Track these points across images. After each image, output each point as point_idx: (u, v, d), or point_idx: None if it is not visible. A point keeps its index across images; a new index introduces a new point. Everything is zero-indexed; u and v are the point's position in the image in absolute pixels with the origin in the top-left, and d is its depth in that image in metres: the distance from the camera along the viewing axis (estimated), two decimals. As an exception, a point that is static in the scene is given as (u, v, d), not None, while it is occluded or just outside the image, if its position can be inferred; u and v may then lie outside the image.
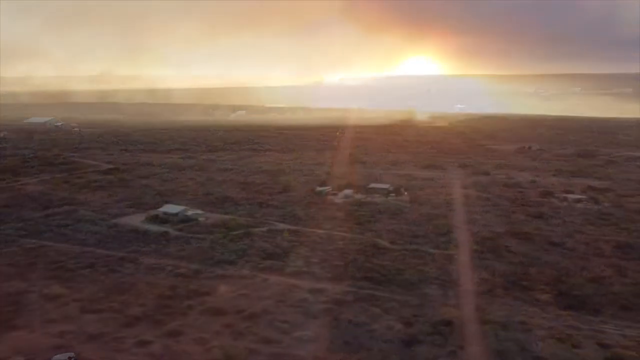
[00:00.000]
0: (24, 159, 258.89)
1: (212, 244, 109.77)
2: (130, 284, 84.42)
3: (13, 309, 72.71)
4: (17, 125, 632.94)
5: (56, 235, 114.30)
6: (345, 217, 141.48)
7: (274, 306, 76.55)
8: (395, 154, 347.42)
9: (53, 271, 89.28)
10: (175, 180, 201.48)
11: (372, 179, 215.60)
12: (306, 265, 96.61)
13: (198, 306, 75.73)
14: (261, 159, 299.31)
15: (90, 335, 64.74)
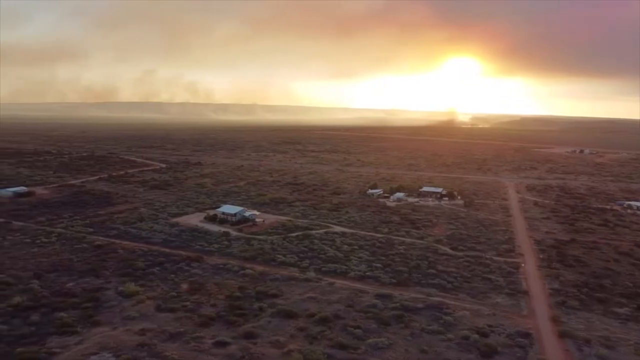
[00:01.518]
0: (80, 157, 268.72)
1: (272, 245, 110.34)
2: (200, 283, 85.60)
3: (93, 305, 74.89)
4: (72, 125, 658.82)
5: (122, 233, 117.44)
6: (401, 220, 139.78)
7: (344, 311, 75.95)
8: (441, 156, 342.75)
9: (125, 269, 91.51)
10: (227, 181, 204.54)
11: (422, 182, 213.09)
12: (369, 269, 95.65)
13: (269, 308, 75.96)
14: (307, 159, 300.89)
15: (170, 334, 65.85)
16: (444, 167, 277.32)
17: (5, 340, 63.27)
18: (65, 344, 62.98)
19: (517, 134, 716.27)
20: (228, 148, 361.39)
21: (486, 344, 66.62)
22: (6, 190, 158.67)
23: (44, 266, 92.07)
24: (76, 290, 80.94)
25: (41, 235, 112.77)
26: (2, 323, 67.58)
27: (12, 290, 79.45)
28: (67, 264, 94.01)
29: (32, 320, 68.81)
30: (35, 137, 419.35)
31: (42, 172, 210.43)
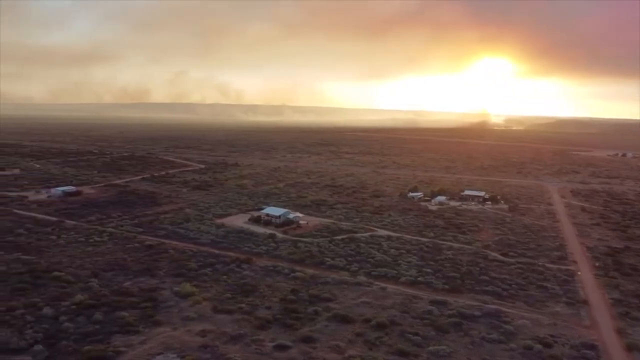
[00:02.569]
0: (122, 157, 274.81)
1: (319, 248, 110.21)
2: (252, 285, 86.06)
3: (152, 305, 76.12)
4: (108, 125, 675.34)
5: (170, 233, 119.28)
6: (445, 225, 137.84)
7: (400, 317, 75.09)
8: (478, 158, 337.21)
9: (178, 269, 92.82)
10: (266, 182, 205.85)
11: (462, 185, 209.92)
12: (420, 274, 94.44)
13: (324, 312, 75.75)
14: (342, 161, 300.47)
15: (230, 336, 66.31)
16: (482, 170, 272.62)
17: (73, 338, 64.72)
18: (130, 343, 64.07)
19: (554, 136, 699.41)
20: (263, 149, 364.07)
21: (551, 355, 64.76)
22: (56, 190, 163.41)
23: (100, 265, 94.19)
24: (134, 289, 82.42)
25: (94, 234, 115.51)
26: (68, 321, 69.19)
27: (73, 289, 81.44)
28: (122, 263, 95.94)
29: (95, 319, 70.20)
30: (76, 137, 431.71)
31: (86, 172, 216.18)
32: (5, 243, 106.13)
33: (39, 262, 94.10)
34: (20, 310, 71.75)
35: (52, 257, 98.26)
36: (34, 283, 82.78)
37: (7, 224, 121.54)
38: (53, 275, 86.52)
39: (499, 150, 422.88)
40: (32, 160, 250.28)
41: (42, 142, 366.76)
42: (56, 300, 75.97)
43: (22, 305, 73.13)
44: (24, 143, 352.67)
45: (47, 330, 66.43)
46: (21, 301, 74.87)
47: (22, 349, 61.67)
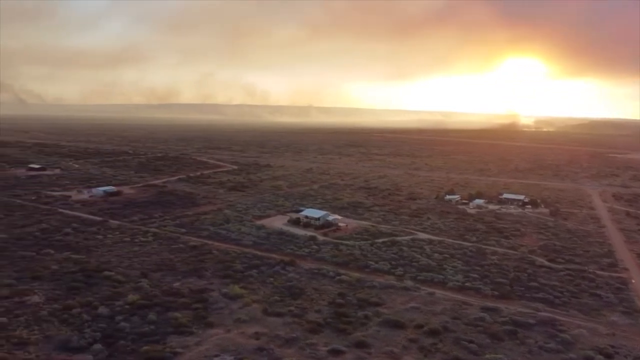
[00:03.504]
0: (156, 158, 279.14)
1: (361, 251, 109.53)
2: (299, 288, 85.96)
3: (202, 306, 76.73)
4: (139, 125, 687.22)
5: (212, 234, 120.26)
6: (487, 229, 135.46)
7: (453, 323, 73.86)
8: (511, 161, 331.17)
9: (224, 270, 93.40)
10: (301, 184, 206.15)
11: (498, 188, 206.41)
12: (467, 280, 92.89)
13: (374, 317, 75.06)
14: (374, 163, 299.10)
15: (285, 339, 66.26)
16: (518, 173, 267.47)
17: (130, 338, 65.63)
18: (186, 344, 64.62)
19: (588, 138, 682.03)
20: (293, 150, 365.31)
21: (615, 367, 62.76)
22: (97, 190, 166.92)
23: (148, 265, 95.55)
24: (184, 290, 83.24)
25: (138, 234, 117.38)
26: (124, 321, 70.27)
27: (124, 288, 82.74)
28: (169, 263, 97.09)
29: (150, 319, 71.08)
30: (110, 138, 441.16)
31: (124, 172, 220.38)
32: (55, 242, 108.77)
33: (88, 261, 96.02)
34: (77, 309, 73.18)
35: (100, 256, 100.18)
36: (86, 282, 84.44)
37: (54, 223, 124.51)
38: (104, 274, 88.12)
39: (532, 152, 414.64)
40: (71, 160, 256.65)
41: (78, 143, 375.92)
42: (110, 300, 77.26)
43: (78, 304, 74.59)
44: (62, 143, 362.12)
45: (104, 329, 67.57)
46: (77, 300, 76.42)
47: (82, 347, 62.79)
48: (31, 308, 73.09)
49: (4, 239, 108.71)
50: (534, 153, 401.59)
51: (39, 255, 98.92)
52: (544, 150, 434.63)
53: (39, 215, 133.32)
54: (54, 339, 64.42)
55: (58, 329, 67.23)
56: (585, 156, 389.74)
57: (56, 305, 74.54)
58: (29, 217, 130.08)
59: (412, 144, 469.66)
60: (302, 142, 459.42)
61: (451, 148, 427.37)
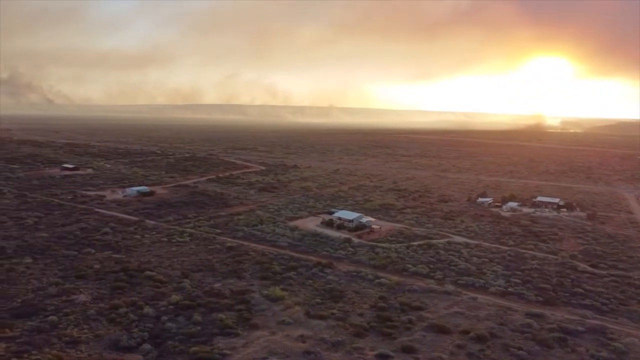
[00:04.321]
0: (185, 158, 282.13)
1: (398, 254, 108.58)
2: (340, 291, 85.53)
3: (245, 307, 76.93)
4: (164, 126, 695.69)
5: (247, 235, 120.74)
6: (523, 232, 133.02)
7: (499, 329, 72.51)
8: (540, 162, 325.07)
9: (262, 272, 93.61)
10: (330, 185, 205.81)
11: (530, 190, 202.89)
12: (509, 285, 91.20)
13: (418, 322, 74.19)
14: (401, 164, 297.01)
15: (330, 343, 65.87)
16: (549, 175, 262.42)
17: (177, 338, 66.11)
18: (232, 346, 64.76)
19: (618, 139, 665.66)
20: (318, 151, 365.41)
21: (674, 378, 60.74)
22: (131, 190, 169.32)
23: (188, 265, 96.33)
24: (225, 291, 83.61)
25: (175, 234, 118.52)
26: (169, 321, 70.89)
27: (167, 288, 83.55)
28: (208, 264, 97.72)
29: (195, 320, 71.52)
30: (137, 138, 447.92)
31: (155, 172, 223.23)
32: (95, 241, 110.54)
33: (129, 261, 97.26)
34: (123, 308, 74.06)
35: (140, 256, 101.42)
36: (129, 282, 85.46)
37: (92, 223, 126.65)
38: (145, 274, 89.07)
39: (561, 154, 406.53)
40: (102, 160, 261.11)
41: (107, 143, 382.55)
42: (154, 300, 78.06)
43: (124, 304, 75.50)
44: (92, 143, 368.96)
45: (151, 329, 68.27)
46: (122, 299, 77.38)
47: (132, 347, 63.50)
48: (79, 307, 74.28)
49: (46, 238, 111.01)
50: (563, 155, 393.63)
51: (81, 254, 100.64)
52: (573, 152, 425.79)
53: (77, 214, 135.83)
54: (104, 338, 65.31)
55: (107, 329, 68.15)
56: (616, 158, 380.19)
57: (102, 304, 75.69)
58: (68, 217, 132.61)
59: (438, 145, 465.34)
60: (326, 142, 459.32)
61: (478, 149, 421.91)
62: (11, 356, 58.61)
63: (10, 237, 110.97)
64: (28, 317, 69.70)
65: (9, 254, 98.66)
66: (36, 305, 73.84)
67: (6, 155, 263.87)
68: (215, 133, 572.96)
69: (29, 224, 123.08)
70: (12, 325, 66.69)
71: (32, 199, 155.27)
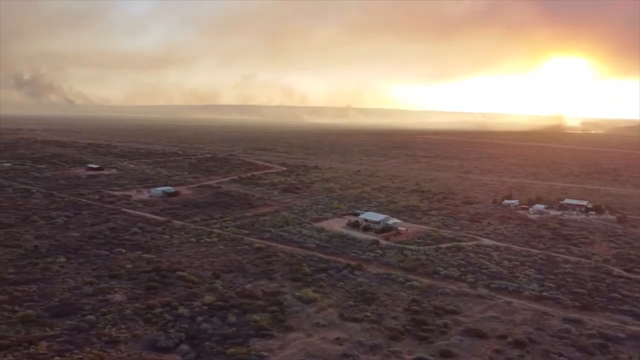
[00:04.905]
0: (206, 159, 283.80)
1: (427, 256, 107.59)
2: (371, 293, 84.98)
3: (279, 309, 76.83)
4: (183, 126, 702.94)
5: (275, 235, 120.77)
6: (552, 235, 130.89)
7: (537, 335, 71.26)
8: (564, 164, 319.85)
9: (293, 273, 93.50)
10: (352, 186, 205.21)
11: (556, 193, 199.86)
12: (543, 289, 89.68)
13: (454, 326, 73.33)
14: (421, 165, 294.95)
15: (368, 346, 65.33)
16: (574, 177, 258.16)
17: (214, 339, 66.21)
18: (269, 348, 64.63)
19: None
20: (338, 152, 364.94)
21: None
22: (156, 190, 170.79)
23: (218, 266, 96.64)
24: (257, 292, 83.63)
25: (203, 235, 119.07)
26: (204, 322, 71.09)
27: (199, 289, 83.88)
28: (238, 265, 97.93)
29: (229, 321, 71.58)
30: (158, 138, 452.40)
31: (178, 172, 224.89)
32: (125, 241, 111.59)
33: (160, 261, 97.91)
34: (158, 308, 74.48)
35: (170, 256, 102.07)
36: (162, 282, 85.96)
37: (121, 223, 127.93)
38: (177, 274, 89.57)
39: (584, 155, 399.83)
40: (125, 161, 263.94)
41: (128, 143, 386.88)
42: (187, 300, 78.39)
43: (159, 304, 75.92)
44: (114, 143, 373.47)
45: (187, 330, 68.50)
46: (157, 300, 77.85)
47: (170, 347, 63.77)
48: (115, 306, 74.87)
49: (78, 237, 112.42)
50: (587, 156, 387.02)
51: (112, 254, 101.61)
52: (596, 154, 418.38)
53: (105, 214, 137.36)
54: (142, 338, 65.72)
55: (144, 329, 68.58)
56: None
57: (138, 304, 76.22)
58: (97, 216, 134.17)
59: (457, 146, 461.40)
60: (345, 143, 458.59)
61: (498, 150, 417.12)
62: (54, 355, 59.29)
63: (42, 236, 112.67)
64: (67, 316, 70.50)
65: (42, 253, 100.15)
66: (73, 305, 74.66)
67: (32, 155, 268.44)
68: (233, 134, 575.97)
69: (60, 224, 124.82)
70: (52, 324, 67.52)
71: (60, 198, 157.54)
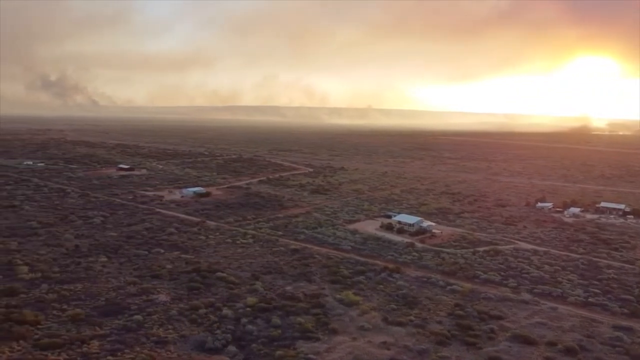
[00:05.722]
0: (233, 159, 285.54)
1: (465, 260, 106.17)
2: (413, 297, 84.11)
3: (321, 312, 76.54)
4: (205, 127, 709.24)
5: (309, 237, 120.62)
6: (591, 240, 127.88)
7: (587, 342, 69.51)
8: (594, 166, 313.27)
9: (330, 275, 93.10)
10: (380, 188, 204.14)
11: (589, 195, 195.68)
12: (589, 295, 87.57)
13: (500, 331, 72.03)
14: (448, 167, 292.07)
15: (416, 351, 64.64)
16: (606, 180, 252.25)
17: (260, 341, 66.22)
18: (316, 351, 64.30)
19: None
20: (362, 153, 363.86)
21: None
22: (187, 190, 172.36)
23: (256, 267, 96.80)
24: (298, 294, 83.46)
25: (237, 236, 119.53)
26: (249, 323, 71.16)
27: (240, 290, 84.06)
28: (276, 266, 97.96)
29: (274, 323, 71.54)
30: (183, 139, 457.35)
31: (206, 173, 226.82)
32: (162, 241, 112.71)
33: (199, 261, 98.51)
34: (203, 309, 74.89)
35: (208, 257, 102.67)
36: (203, 282, 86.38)
37: (156, 223, 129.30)
38: (217, 275, 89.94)
39: (614, 157, 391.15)
40: (154, 161, 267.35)
41: (155, 144, 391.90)
42: (230, 301, 78.60)
43: (202, 305, 76.34)
44: (140, 144, 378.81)
45: (233, 331, 68.67)
46: (200, 300, 78.29)
47: (217, 349, 63.95)
48: (161, 307, 75.50)
49: (116, 237, 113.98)
50: (617, 158, 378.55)
51: (151, 254, 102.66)
52: (626, 156, 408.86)
53: (140, 214, 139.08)
54: (190, 339, 66.08)
55: (190, 329, 68.97)
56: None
57: (182, 304, 76.73)
58: (132, 216, 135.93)
59: (483, 147, 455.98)
60: (368, 144, 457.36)
61: (525, 152, 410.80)
62: (106, 354, 60.02)
63: (82, 235, 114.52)
64: (114, 316, 71.30)
65: (84, 252, 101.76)
66: (119, 304, 75.54)
67: (64, 156, 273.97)
68: (256, 134, 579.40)
69: (97, 223, 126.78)
70: (100, 323, 68.39)
71: (95, 198, 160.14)
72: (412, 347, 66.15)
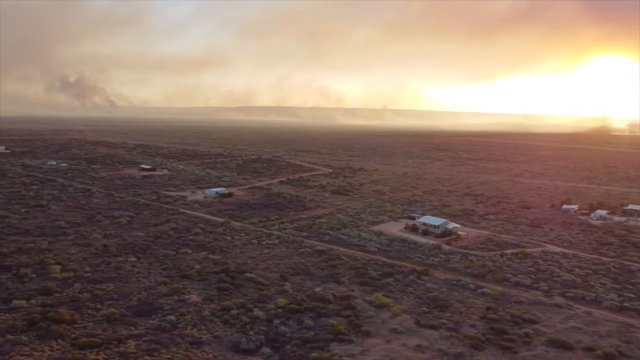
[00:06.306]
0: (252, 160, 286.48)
1: (493, 262, 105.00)
2: (444, 300, 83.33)
3: (353, 313, 76.16)
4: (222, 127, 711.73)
5: (334, 238, 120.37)
6: (620, 242, 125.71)
7: (626, 348, 68.13)
8: (617, 167, 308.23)
9: (359, 277, 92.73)
10: (402, 189, 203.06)
11: (614, 197, 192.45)
12: (623, 299, 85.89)
13: (535, 336, 70.91)
14: (468, 168, 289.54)
15: (451, 355, 63.96)
16: (630, 181, 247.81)
17: (293, 343, 66.07)
18: (350, 353, 63.97)
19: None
20: (380, 154, 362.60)
21: None
22: (210, 191, 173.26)
23: (284, 268, 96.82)
24: (328, 296, 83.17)
25: (263, 236, 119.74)
26: (281, 324, 71.10)
27: (269, 291, 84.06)
28: (303, 267, 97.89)
29: (306, 324, 71.39)
30: (201, 140, 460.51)
31: (227, 174, 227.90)
32: (189, 241, 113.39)
33: (226, 262, 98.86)
34: (234, 310, 75.00)
35: (235, 257, 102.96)
36: (232, 283, 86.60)
37: (182, 223, 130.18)
38: (245, 276, 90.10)
39: (637, 158, 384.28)
40: (175, 161, 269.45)
41: (174, 144, 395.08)
42: (260, 302, 78.61)
43: (234, 305, 76.46)
44: (160, 144, 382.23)
45: (266, 332, 68.62)
46: (231, 301, 78.42)
47: (252, 350, 63.91)
48: (193, 307, 75.81)
49: (143, 237, 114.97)
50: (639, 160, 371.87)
51: (179, 254, 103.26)
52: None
53: (165, 214, 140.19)
54: (224, 340, 66.19)
55: (223, 330, 69.12)
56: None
57: (213, 305, 76.97)
58: (158, 216, 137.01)
59: (502, 148, 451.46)
60: (386, 145, 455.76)
61: (545, 153, 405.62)
62: (143, 354, 60.38)
63: (110, 235, 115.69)
64: (148, 316, 71.78)
65: (113, 252, 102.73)
66: (152, 304, 76.05)
67: (86, 156, 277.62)
68: (272, 135, 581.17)
69: (123, 223, 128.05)
70: (135, 323, 68.86)
71: (120, 198, 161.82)
72: (447, 350, 65.45)
